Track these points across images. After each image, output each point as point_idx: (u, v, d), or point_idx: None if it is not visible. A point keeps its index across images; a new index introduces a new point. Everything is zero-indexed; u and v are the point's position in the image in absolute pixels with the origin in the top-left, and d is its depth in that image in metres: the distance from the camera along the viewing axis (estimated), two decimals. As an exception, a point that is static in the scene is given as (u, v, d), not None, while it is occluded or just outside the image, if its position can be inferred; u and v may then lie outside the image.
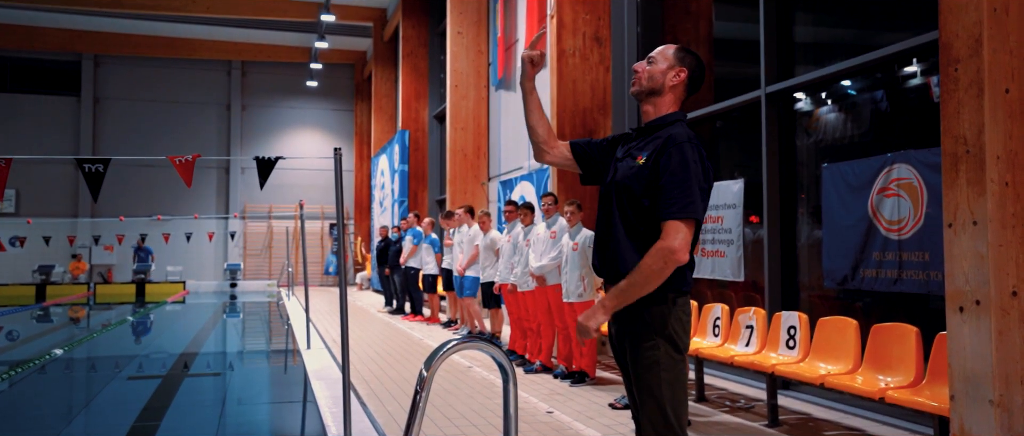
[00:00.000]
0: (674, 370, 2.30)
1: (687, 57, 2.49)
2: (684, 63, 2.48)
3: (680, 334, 2.33)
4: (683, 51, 2.50)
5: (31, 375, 7.67)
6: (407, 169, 16.76)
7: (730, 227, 6.33)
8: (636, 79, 2.51)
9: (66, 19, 20.73)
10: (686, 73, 2.47)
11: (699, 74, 2.50)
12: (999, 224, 3.07)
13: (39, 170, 21.93)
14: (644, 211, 2.34)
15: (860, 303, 5.50)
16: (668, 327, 2.30)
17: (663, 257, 2.23)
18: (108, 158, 4.38)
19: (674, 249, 2.22)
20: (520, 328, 7.53)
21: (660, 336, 2.30)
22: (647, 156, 2.37)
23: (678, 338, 2.33)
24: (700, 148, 2.34)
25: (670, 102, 2.48)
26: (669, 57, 2.49)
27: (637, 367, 2.35)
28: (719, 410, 5.36)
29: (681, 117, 2.47)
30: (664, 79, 2.46)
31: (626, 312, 2.35)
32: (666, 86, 2.46)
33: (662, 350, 2.29)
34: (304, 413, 5.86)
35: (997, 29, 3.11)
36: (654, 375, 2.28)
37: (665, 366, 2.29)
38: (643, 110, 2.52)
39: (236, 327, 13.15)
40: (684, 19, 8.04)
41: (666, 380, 2.28)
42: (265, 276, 24.28)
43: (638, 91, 2.50)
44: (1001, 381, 3.05)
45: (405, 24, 17.20)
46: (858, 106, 5.66)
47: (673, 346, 2.31)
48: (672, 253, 2.22)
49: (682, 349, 2.34)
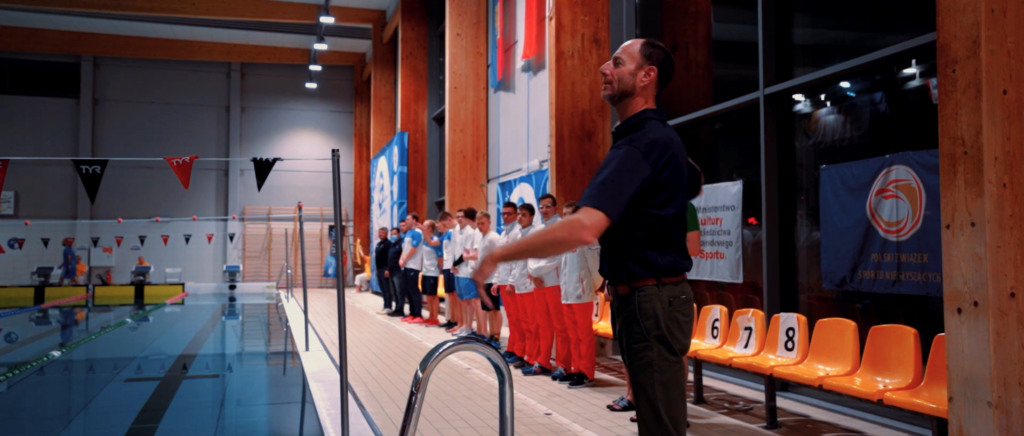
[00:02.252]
0: (668, 371, 2.28)
1: (654, 52, 2.44)
2: (652, 60, 2.43)
3: (676, 335, 2.31)
4: (650, 46, 2.45)
5: (29, 377, 7.66)
6: (406, 171, 16.76)
7: (729, 229, 6.32)
8: (606, 83, 2.46)
9: (65, 21, 20.74)
10: (656, 71, 2.43)
11: (669, 67, 2.47)
12: (997, 225, 3.07)
13: (38, 172, 21.93)
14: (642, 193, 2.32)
15: (859, 305, 5.50)
16: (661, 327, 2.29)
17: (569, 228, 2.18)
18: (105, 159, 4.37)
19: (584, 225, 2.17)
20: (519, 330, 7.53)
21: (653, 337, 2.29)
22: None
23: (673, 339, 2.31)
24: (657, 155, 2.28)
25: (641, 102, 2.44)
26: (636, 55, 2.44)
27: (632, 367, 2.35)
28: (718, 412, 5.36)
29: (651, 115, 2.41)
30: (634, 80, 2.42)
31: (623, 311, 2.35)
32: (636, 87, 2.43)
33: (655, 351, 2.28)
34: (302, 415, 5.85)
35: (995, 30, 3.10)
36: (647, 376, 2.27)
37: (658, 367, 2.27)
38: (619, 111, 2.50)
39: (235, 329, 13.14)
40: (683, 20, 8.05)
41: (659, 381, 2.26)
42: (264, 278, 24.27)
43: (611, 95, 2.46)
44: (999, 383, 3.04)
45: (404, 26, 17.21)
46: (857, 108, 5.66)
47: (667, 347, 2.29)
48: (581, 227, 2.17)
49: (678, 351, 2.32)
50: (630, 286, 2.35)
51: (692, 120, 7.24)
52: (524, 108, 11.15)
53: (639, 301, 2.31)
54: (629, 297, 2.35)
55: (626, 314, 2.35)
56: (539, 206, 7.07)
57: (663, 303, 2.30)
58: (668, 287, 2.32)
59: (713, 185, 6.58)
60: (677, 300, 2.33)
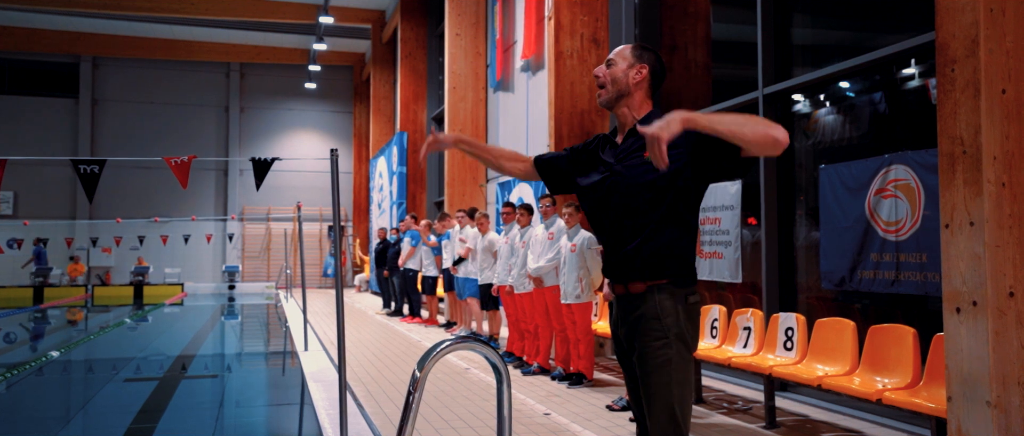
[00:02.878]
0: (685, 370, 2.28)
1: (645, 53, 2.47)
2: (643, 59, 2.45)
3: (692, 333, 2.32)
4: (640, 48, 2.48)
5: (28, 377, 7.65)
6: (405, 171, 16.76)
7: (728, 229, 6.32)
8: (601, 86, 2.47)
9: (64, 21, 20.73)
10: (647, 69, 2.45)
11: (660, 70, 2.48)
12: (996, 225, 3.07)
13: (36, 172, 21.91)
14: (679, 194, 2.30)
15: (858, 304, 5.50)
16: (681, 325, 2.29)
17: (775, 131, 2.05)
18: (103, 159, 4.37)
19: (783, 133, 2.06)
20: (518, 330, 7.52)
21: (673, 334, 2.27)
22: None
23: (690, 337, 2.31)
24: None
25: (641, 100, 2.45)
26: (627, 56, 2.46)
27: (646, 366, 2.30)
28: (717, 411, 5.35)
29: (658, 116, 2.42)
30: (627, 79, 2.43)
31: (636, 311, 2.33)
32: (631, 85, 2.44)
33: (674, 349, 2.26)
34: (301, 415, 5.85)
35: (993, 30, 3.10)
36: (664, 374, 2.25)
37: (676, 366, 2.26)
38: (618, 113, 2.48)
39: (234, 329, 13.13)
40: (682, 20, 8.04)
41: (677, 380, 2.25)
42: (263, 278, 24.26)
43: (608, 98, 2.46)
44: (998, 382, 3.04)
45: (403, 26, 17.21)
46: (856, 107, 5.66)
47: (685, 345, 2.29)
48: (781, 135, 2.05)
49: (692, 348, 2.32)
50: (647, 284, 2.33)
51: (691, 120, 7.23)
52: (523, 108, 11.14)
53: (660, 299, 2.30)
54: (646, 295, 2.32)
55: (640, 312, 2.32)
56: (538, 206, 7.07)
57: (682, 301, 2.31)
58: (685, 282, 2.32)
59: (712, 185, 6.56)
60: (692, 297, 2.35)
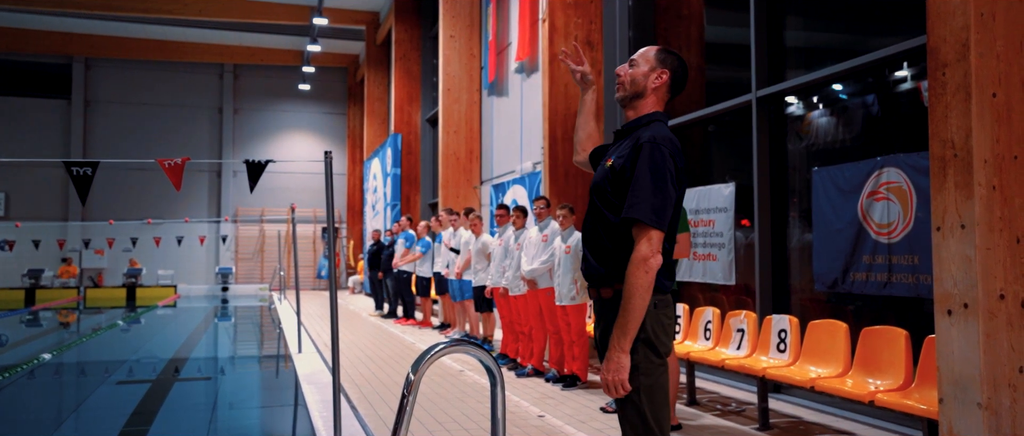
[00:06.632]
0: (653, 375, 2.26)
1: (669, 58, 2.47)
2: (665, 64, 2.46)
3: (660, 338, 2.29)
4: (665, 52, 2.48)
5: (19, 380, 7.61)
6: (399, 173, 16.75)
7: (721, 231, 6.34)
8: (619, 84, 2.49)
9: (57, 22, 20.64)
10: (668, 74, 2.45)
11: (682, 75, 2.49)
12: (987, 227, 3.09)
13: (28, 173, 21.83)
14: (618, 212, 2.31)
15: (850, 306, 5.52)
16: (647, 330, 2.27)
17: (640, 268, 2.18)
18: (96, 161, 4.35)
19: (645, 256, 2.18)
20: (512, 332, 7.52)
21: (639, 340, 2.25)
22: (617, 158, 2.35)
23: (658, 342, 2.28)
24: (675, 151, 2.30)
25: (652, 104, 2.46)
26: (651, 59, 2.47)
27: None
28: (710, 413, 5.37)
29: (660, 117, 2.44)
30: (646, 81, 2.44)
31: (609, 315, 2.34)
32: (648, 88, 2.45)
33: (640, 354, 2.25)
34: (295, 417, 5.84)
35: (984, 34, 3.12)
36: (633, 379, 2.23)
37: (644, 371, 2.25)
38: (626, 114, 2.51)
39: (227, 331, 13.09)
40: (676, 23, 8.07)
41: (645, 385, 2.24)
42: (257, 280, 24.20)
43: (623, 96, 2.48)
44: (989, 384, 3.06)
45: (398, 27, 17.20)
46: (848, 110, 5.69)
47: (652, 350, 2.27)
48: (644, 261, 2.18)
49: (662, 353, 2.30)
50: (614, 289, 2.34)
51: (685, 122, 7.26)
52: (517, 110, 11.15)
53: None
54: (614, 300, 2.33)
55: (610, 317, 2.33)
56: (533, 208, 7.07)
57: (650, 306, 2.29)
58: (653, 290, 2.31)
59: (706, 187, 6.60)
60: (661, 302, 2.32)
